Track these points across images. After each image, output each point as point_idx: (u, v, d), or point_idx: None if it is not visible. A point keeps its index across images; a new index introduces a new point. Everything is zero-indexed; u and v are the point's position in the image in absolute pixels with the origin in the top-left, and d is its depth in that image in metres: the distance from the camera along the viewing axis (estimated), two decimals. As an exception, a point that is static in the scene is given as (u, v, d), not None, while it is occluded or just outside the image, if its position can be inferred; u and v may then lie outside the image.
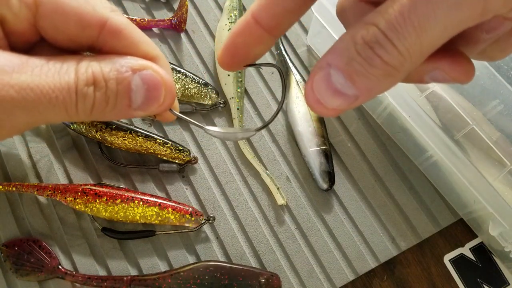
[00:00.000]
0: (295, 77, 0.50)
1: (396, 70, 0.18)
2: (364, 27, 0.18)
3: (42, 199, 0.45)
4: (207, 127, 0.26)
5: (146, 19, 0.51)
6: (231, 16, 0.51)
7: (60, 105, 0.23)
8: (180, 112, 0.27)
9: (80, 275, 0.42)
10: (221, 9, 0.53)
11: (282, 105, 0.23)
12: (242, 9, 0.52)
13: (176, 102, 0.29)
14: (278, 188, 0.46)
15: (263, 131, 0.49)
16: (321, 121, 0.48)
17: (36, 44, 0.26)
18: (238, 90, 0.49)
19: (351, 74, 0.18)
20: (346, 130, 0.49)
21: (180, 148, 0.46)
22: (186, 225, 0.44)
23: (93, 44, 0.25)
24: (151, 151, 0.45)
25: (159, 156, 0.46)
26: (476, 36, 0.21)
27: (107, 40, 0.25)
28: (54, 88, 0.22)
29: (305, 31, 0.53)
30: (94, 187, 0.43)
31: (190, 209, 0.44)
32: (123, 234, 0.44)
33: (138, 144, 0.45)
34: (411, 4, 0.17)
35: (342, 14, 0.24)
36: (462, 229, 0.47)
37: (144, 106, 0.25)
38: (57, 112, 0.23)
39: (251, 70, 0.51)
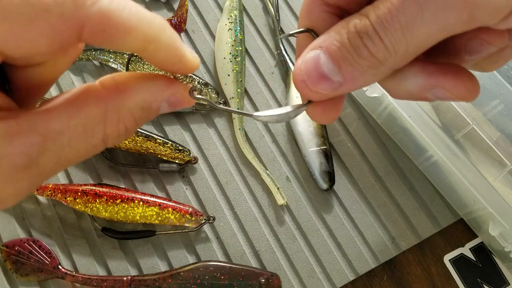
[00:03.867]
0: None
1: (380, 63, 0.19)
2: (358, 17, 0.19)
3: (42, 199, 0.45)
4: (255, 113, 0.23)
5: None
6: (231, 16, 0.51)
7: None
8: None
9: (80, 275, 0.42)
10: (221, 9, 0.53)
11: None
12: (242, 9, 0.52)
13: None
14: (278, 188, 0.46)
15: (263, 131, 0.49)
16: (321, 121, 0.48)
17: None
18: (238, 90, 0.49)
19: (338, 60, 0.19)
20: (346, 130, 0.49)
21: (180, 148, 0.46)
22: (186, 225, 0.44)
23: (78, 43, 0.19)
24: (151, 151, 0.45)
25: (159, 156, 0.46)
26: (460, 57, 0.21)
27: (94, 38, 0.19)
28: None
29: (305, 31, 0.53)
30: (94, 187, 0.43)
31: (190, 209, 0.44)
32: (123, 234, 0.44)
33: (138, 144, 0.45)
34: (400, 3, 0.17)
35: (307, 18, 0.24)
36: (462, 229, 0.47)
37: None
38: None
39: (250, 71, 0.51)
